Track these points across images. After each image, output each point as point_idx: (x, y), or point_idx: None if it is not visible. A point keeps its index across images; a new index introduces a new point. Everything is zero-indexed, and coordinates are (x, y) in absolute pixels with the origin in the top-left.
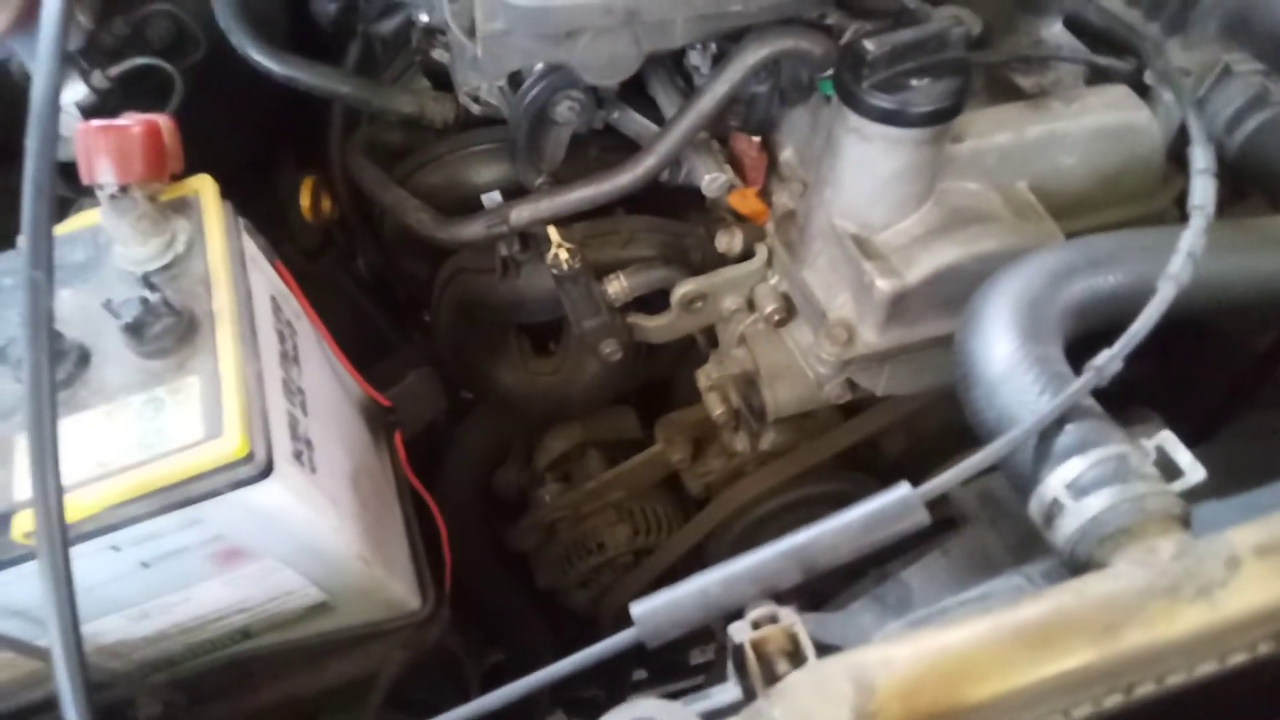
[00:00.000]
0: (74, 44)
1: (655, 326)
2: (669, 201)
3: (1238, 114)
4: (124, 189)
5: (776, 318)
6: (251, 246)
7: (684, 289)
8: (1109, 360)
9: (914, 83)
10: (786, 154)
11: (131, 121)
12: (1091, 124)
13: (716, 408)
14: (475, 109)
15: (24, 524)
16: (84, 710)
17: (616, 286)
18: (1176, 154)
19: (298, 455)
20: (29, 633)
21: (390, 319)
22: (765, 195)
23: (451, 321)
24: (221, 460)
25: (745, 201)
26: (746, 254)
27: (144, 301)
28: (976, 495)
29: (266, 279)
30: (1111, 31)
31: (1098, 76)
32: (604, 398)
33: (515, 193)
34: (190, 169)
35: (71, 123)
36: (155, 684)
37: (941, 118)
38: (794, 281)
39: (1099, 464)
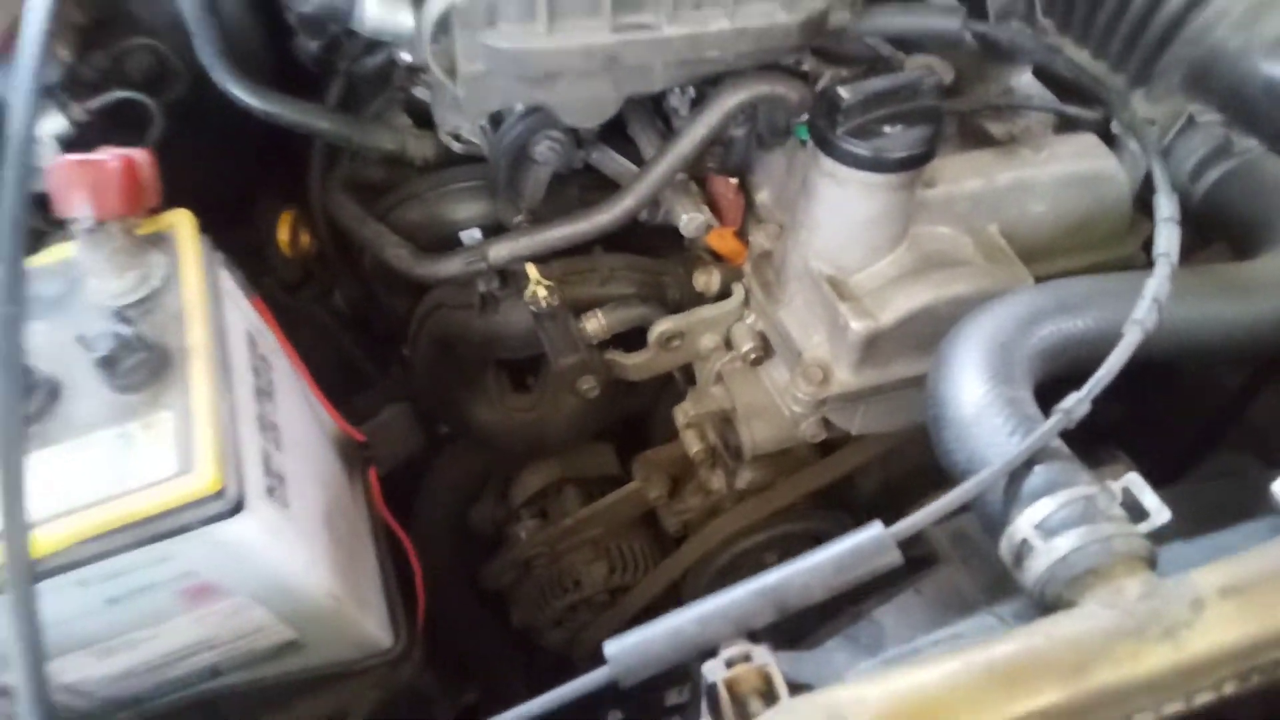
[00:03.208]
0: (53, 76)
1: (633, 364)
2: (647, 240)
3: (1201, 163)
4: (100, 223)
5: (753, 356)
6: (228, 281)
7: (661, 327)
8: (1077, 403)
9: (887, 129)
10: (763, 196)
11: (108, 156)
12: (1060, 171)
13: (694, 445)
14: (456, 147)
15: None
16: None
17: (594, 324)
18: (1143, 200)
19: (270, 491)
20: None
21: (368, 353)
22: (742, 235)
23: (429, 356)
24: (193, 496)
25: (723, 241)
26: (724, 293)
27: (117, 336)
28: (949, 535)
29: (242, 313)
30: (1079, 82)
31: (1066, 125)
32: (581, 434)
33: (494, 230)
34: (169, 202)
35: (48, 155)
36: None
37: (914, 164)
38: (770, 321)
39: (1067, 505)
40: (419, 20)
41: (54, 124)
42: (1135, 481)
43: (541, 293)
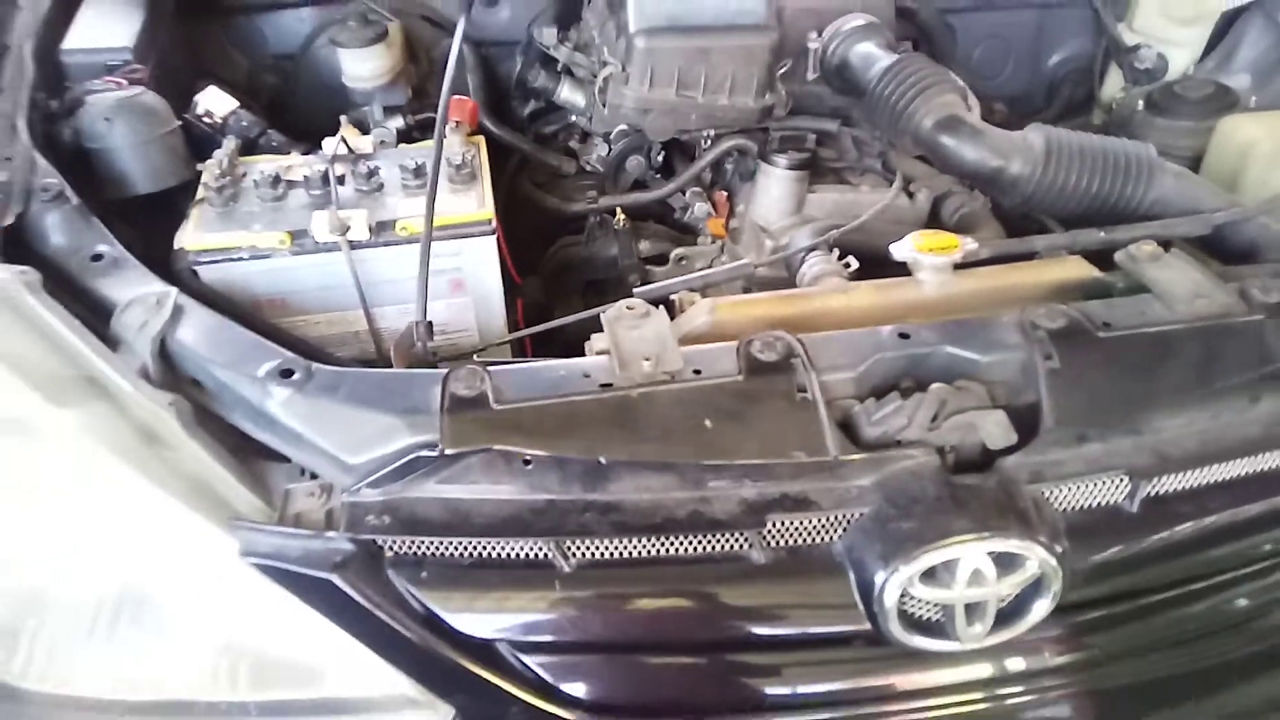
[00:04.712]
0: (402, 99)
1: (659, 272)
2: (676, 226)
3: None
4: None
5: None
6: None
7: (677, 251)
8: None
9: (791, 152)
10: (739, 205)
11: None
12: (878, 198)
13: None
14: (588, 168)
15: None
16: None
17: (644, 245)
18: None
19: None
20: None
21: None
22: (726, 223)
23: (553, 273)
24: (480, 218)
25: (715, 224)
26: None
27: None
28: None
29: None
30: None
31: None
32: None
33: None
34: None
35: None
36: None
37: (802, 166)
38: (732, 255)
39: None
40: (589, 91)
41: (396, 123)
42: None
43: (621, 219)
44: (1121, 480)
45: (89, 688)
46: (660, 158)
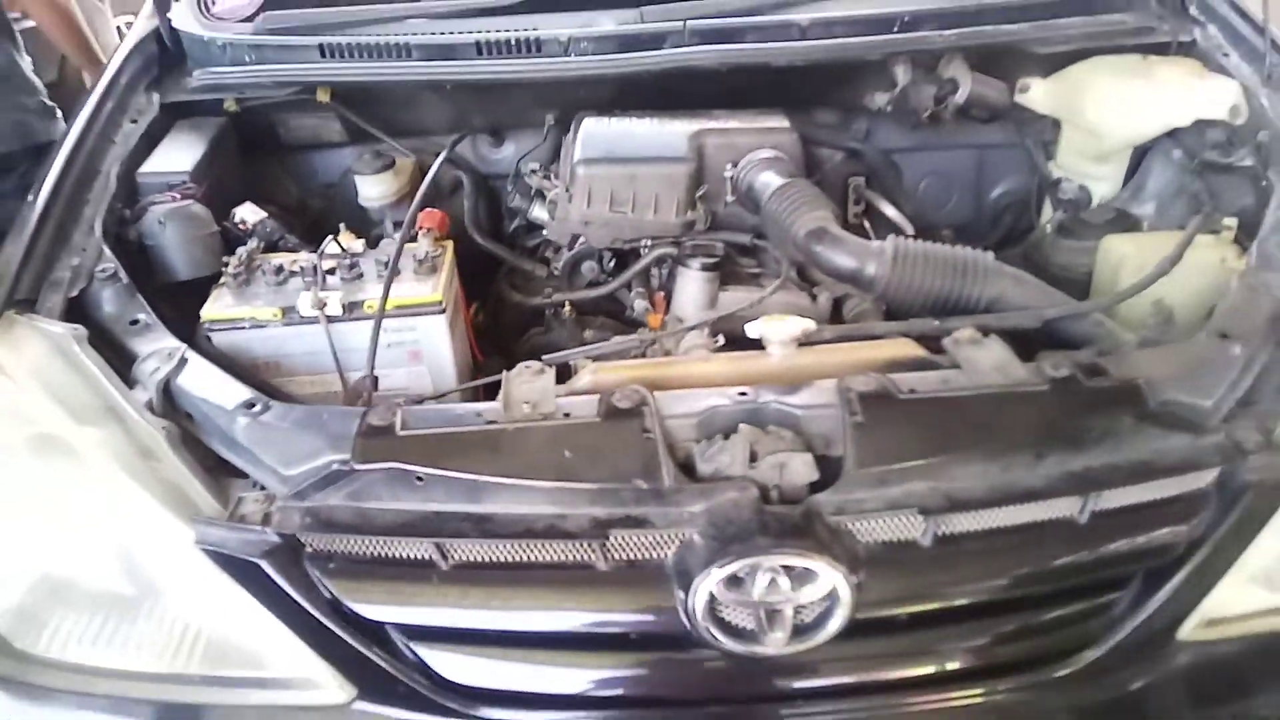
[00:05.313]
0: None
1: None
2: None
3: None
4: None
5: None
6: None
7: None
8: None
9: (702, 257)
10: (674, 302)
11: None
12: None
13: None
14: (555, 272)
15: (371, 304)
16: None
17: (589, 332)
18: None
19: (451, 319)
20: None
21: None
22: (663, 317)
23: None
24: (430, 300)
25: (653, 318)
26: None
27: (420, 260)
28: None
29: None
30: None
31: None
32: None
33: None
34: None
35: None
36: None
37: (712, 268)
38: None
39: None
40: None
41: None
42: None
43: (569, 311)
44: (916, 518)
45: (88, 656)
46: (612, 264)
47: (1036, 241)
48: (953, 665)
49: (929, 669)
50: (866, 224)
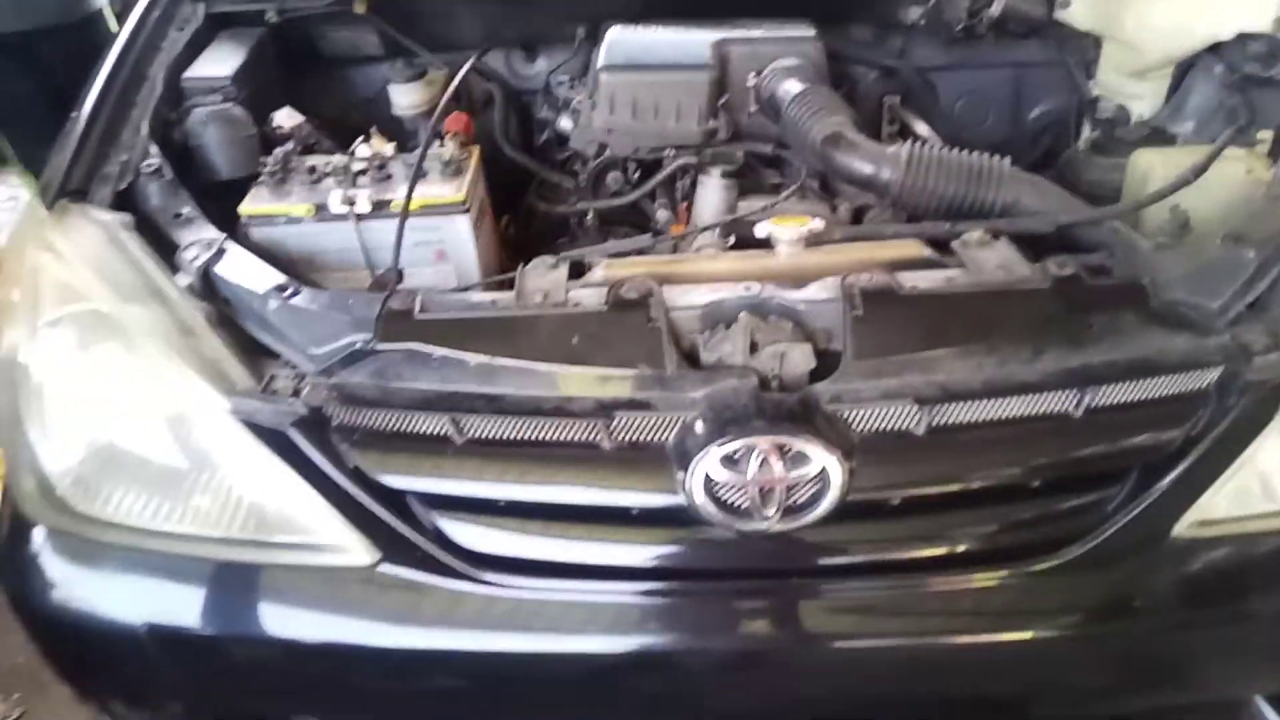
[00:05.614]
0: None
1: None
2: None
3: None
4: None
5: None
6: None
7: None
8: None
9: (722, 164)
10: (695, 211)
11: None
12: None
13: None
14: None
15: (398, 203)
16: None
17: (610, 240)
18: None
19: (477, 217)
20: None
21: None
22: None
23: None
24: (455, 200)
25: (676, 227)
26: None
27: (446, 163)
28: None
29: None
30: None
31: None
32: None
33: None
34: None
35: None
36: None
37: (732, 175)
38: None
39: None
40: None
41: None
42: None
43: (591, 219)
44: (911, 407)
45: (144, 520)
46: (637, 175)
47: (1069, 159)
48: (945, 552)
49: (921, 554)
50: None
